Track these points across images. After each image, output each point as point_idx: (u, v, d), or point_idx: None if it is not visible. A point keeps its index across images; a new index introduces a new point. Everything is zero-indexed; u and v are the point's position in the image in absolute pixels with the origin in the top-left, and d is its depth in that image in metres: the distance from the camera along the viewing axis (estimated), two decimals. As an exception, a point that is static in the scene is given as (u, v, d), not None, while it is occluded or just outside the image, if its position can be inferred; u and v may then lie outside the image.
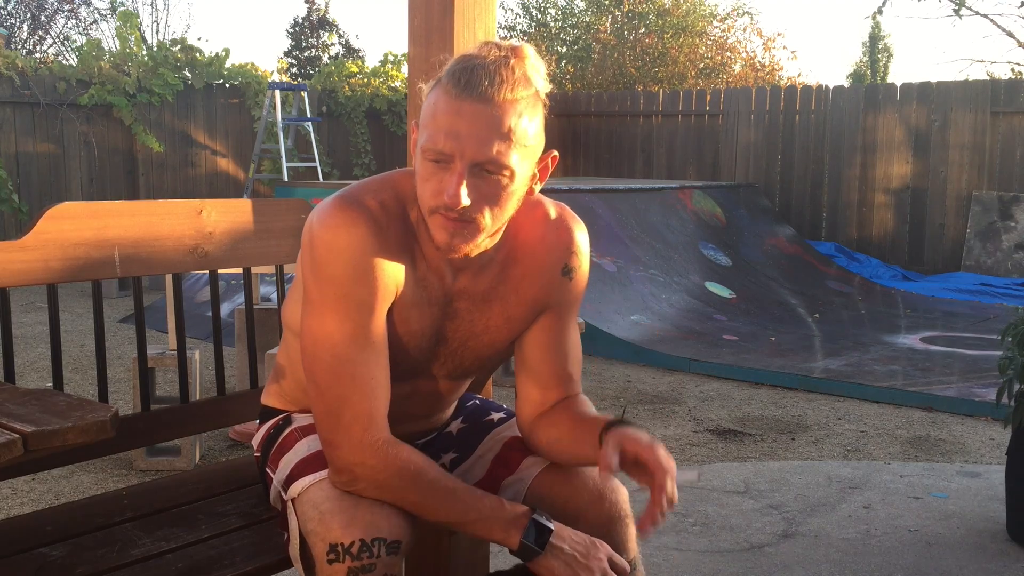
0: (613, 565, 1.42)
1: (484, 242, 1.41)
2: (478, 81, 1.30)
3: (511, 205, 1.39)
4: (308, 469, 1.47)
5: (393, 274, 1.41)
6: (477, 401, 1.80)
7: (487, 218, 1.36)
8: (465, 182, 1.32)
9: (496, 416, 1.74)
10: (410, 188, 1.43)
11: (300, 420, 1.61)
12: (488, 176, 1.33)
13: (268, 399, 1.71)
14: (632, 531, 1.57)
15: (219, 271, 1.98)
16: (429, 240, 1.42)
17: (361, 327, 1.39)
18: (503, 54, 1.33)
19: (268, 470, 1.60)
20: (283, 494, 1.50)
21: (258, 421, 1.74)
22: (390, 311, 1.44)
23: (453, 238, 1.36)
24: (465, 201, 1.32)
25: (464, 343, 1.53)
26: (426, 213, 1.37)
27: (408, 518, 1.39)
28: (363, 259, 1.37)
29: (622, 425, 1.44)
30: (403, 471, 1.38)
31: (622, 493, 1.55)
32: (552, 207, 1.53)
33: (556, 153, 1.46)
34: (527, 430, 1.60)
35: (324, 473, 1.44)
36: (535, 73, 1.36)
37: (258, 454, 1.66)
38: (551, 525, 1.41)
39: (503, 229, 1.45)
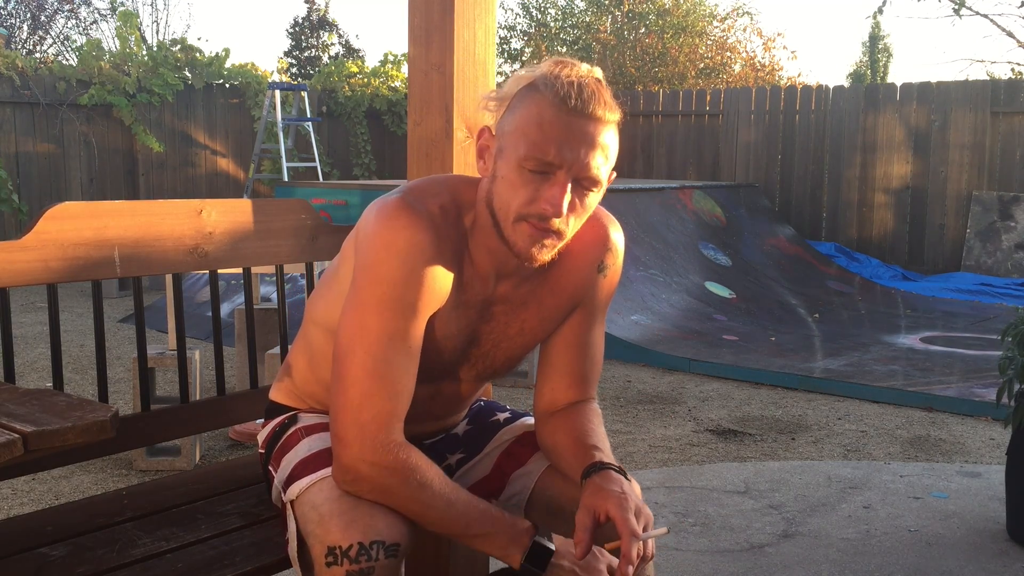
0: (613, 572, 1.42)
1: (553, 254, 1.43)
2: (589, 99, 1.34)
3: (585, 219, 1.43)
4: (307, 470, 1.47)
5: (443, 281, 1.42)
6: (482, 402, 1.81)
7: (570, 229, 1.39)
8: (567, 195, 1.35)
9: (502, 416, 1.74)
10: (468, 194, 1.45)
11: (305, 420, 1.61)
12: (582, 190, 1.37)
13: (276, 395, 1.71)
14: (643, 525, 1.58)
15: (219, 271, 1.98)
16: (481, 246, 1.44)
17: (402, 330, 1.39)
18: (594, 75, 1.38)
19: (270, 468, 1.60)
20: (283, 495, 1.50)
21: (263, 419, 1.74)
22: (431, 316, 1.44)
23: (535, 246, 1.38)
24: (564, 211, 1.35)
25: (497, 344, 1.54)
26: (510, 220, 1.37)
27: (408, 521, 1.39)
28: (419, 264, 1.38)
29: (602, 469, 1.44)
30: (410, 477, 1.37)
31: (633, 486, 1.55)
32: None
33: (615, 173, 1.49)
34: (538, 425, 1.61)
35: (323, 473, 1.43)
36: None
37: (262, 451, 1.66)
38: (551, 546, 1.42)
39: None
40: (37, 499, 3.16)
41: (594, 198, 1.41)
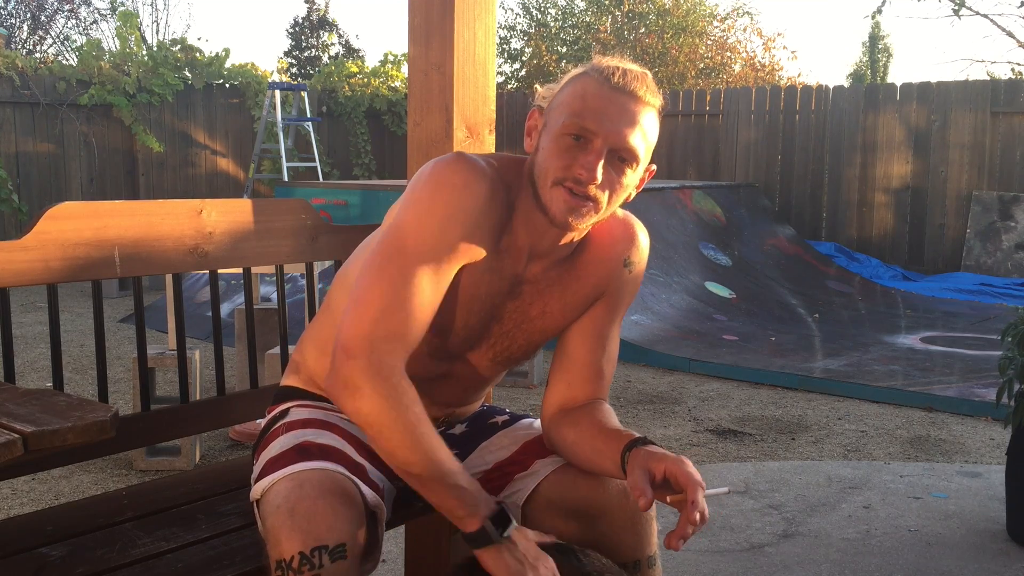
0: None
1: (587, 226, 1.48)
2: (631, 79, 1.43)
3: (621, 198, 1.48)
4: (271, 469, 1.44)
5: (487, 232, 1.46)
6: (484, 407, 1.81)
7: (604, 201, 1.43)
8: (601, 162, 1.40)
9: (500, 419, 1.74)
10: (515, 171, 1.50)
11: (294, 415, 1.60)
12: (618, 164, 1.43)
13: (287, 380, 1.71)
14: (655, 528, 1.58)
15: (219, 271, 1.98)
16: (522, 223, 1.48)
17: (436, 261, 1.41)
18: (641, 69, 1.47)
19: (254, 462, 1.59)
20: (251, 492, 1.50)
21: (264, 416, 1.73)
22: (461, 271, 1.46)
23: (571, 213, 1.42)
24: (599, 177, 1.40)
25: (518, 325, 1.56)
26: (548, 185, 1.42)
27: (353, 518, 1.34)
28: (471, 205, 1.42)
29: (642, 444, 1.45)
30: (411, 406, 1.35)
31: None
32: (618, 208, 1.59)
33: (655, 167, 1.53)
34: (548, 422, 1.60)
35: (278, 476, 1.40)
36: None
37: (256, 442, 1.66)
38: (515, 520, 1.40)
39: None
40: (37, 499, 3.16)
41: (631, 176, 1.45)
